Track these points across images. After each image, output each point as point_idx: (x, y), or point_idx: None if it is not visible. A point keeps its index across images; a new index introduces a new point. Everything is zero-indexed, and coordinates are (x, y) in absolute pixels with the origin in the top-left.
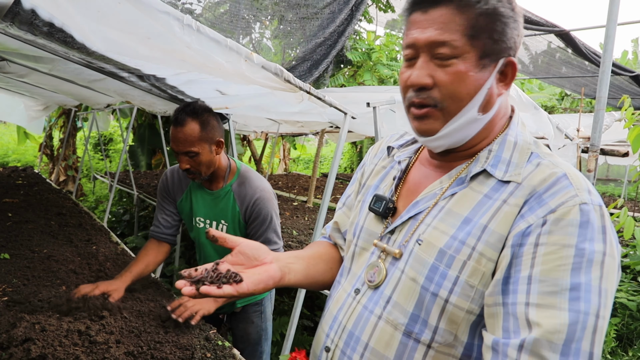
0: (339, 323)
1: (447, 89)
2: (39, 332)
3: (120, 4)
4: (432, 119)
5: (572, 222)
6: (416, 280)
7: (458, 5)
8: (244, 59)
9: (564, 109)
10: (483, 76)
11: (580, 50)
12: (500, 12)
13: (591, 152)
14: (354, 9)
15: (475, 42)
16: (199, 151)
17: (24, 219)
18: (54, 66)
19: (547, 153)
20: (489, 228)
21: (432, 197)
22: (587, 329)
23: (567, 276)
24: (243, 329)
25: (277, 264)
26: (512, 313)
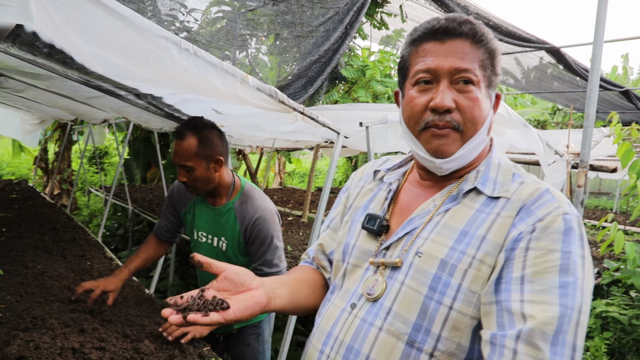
0: (335, 338)
1: (468, 112)
2: (32, 350)
3: (120, 29)
4: (451, 140)
5: (557, 229)
6: (418, 290)
7: (472, 41)
8: (240, 81)
9: (556, 123)
10: (489, 104)
11: (570, 66)
12: (497, 51)
13: (581, 167)
14: (349, 27)
15: (485, 73)
16: (194, 166)
17: (18, 234)
18: (52, 83)
19: (526, 174)
20: (487, 238)
21: (427, 214)
22: (572, 322)
23: (556, 276)
24: (239, 351)
25: (263, 290)
26: (506, 309)
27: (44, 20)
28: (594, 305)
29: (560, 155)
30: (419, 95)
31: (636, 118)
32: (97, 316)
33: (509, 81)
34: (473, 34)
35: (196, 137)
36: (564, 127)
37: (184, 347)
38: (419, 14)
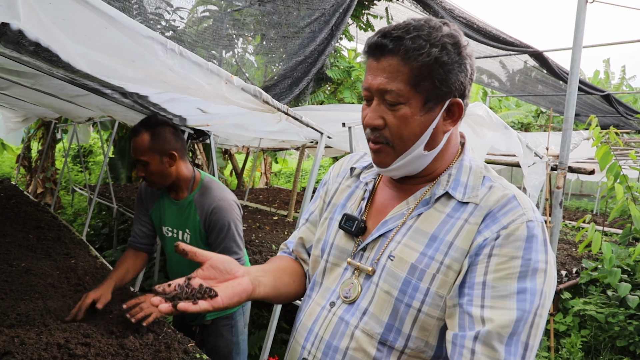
0: (315, 335)
1: (395, 130)
2: (18, 345)
3: (107, 29)
4: (384, 154)
5: (520, 236)
6: (390, 293)
7: (403, 57)
8: (225, 81)
9: (539, 126)
10: (429, 118)
11: (553, 70)
12: (442, 61)
13: (560, 169)
14: (334, 28)
15: (420, 89)
16: (148, 161)
17: (1, 232)
18: (37, 81)
19: (496, 177)
20: (454, 244)
21: (400, 217)
22: (527, 324)
23: (515, 282)
24: (213, 342)
25: (248, 277)
26: (467, 312)
27: (31, 19)
28: (572, 304)
29: (540, 157)
30: (364, 110)
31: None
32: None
33: (494, 84)
34: (405, 50)
35: (149, 133)
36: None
37: (170, 343)
38: (404, 17)
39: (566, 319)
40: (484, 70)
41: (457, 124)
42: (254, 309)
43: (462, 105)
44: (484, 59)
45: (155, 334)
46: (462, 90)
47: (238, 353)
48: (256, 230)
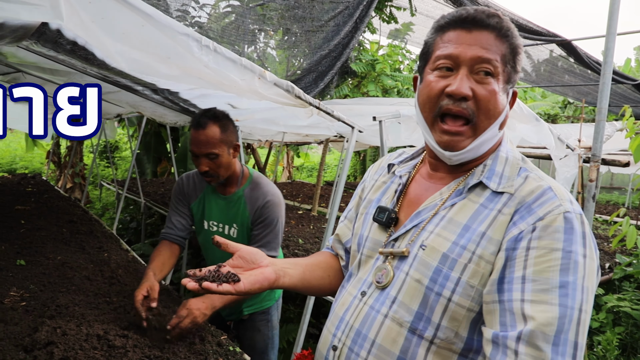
0: (346, 323)
1: (484, 104)
2: (60, 336)
3: (144, 26)
4: (464, 136)
5: (558, 228)
6: (421, 281)
7: (498, 34)
8: (258, 76)
9: (567, 117)
10: (505, 99)
11: (582, 59)
12: (520, 48)
13: (592, 162)
14: (358, 21)
15: (506, 68)
16: (219, 153)
17: (37, 226)
18: (70, 78)
19: (533, 168)
20: (487, 235)
21: (433, 207)
22: (572, 321)
23: (557, 275)
24: (250, 337)
25: (273, 268)
26: (508, 309)
27: (72, 18)
28: (606, 300)
29: (572, 150)
30: (437, 80)
31: None
32: (119, 307)
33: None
34: (500, 27)
35: (218, 125)
36: (575, 121)
37: (204, 336)
38: (429, 8)
39: (599, 316)
40: None
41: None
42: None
43: (517, 95)
44: None
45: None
46: (516, 82)
47: (273, 347)
48: None
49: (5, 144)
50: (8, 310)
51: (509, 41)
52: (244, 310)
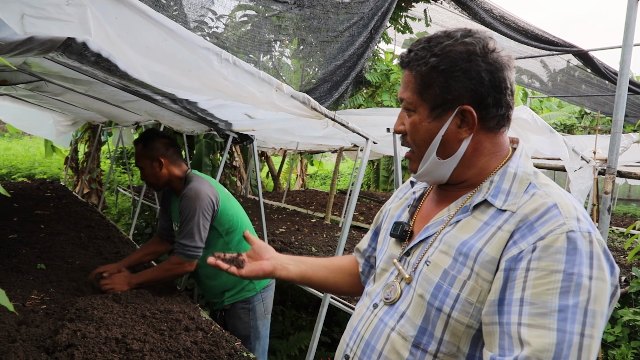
0: (358, 333)
1: (410, 136)
2: (80, 338)
3: (167, 40)
4: (412, 160)
5: (560, 249)
6: (423, 296)
7: (410, 69)
8: (275, 89)
9: (583, 128)
10: (437, 125)
11: (599, 69)
12: (440, 69)
13: (608, 174)
14: (373, 31)
15: (425, 96)
16: (143, 166)
17: (56, 230)
18: (91, 87)
19: (543, 183)
20: (483, 251)
21: (441, 223)
22: (572, 347)
23: (556, 299)
24: (232, 325)
25: (272, 261)
26: (506, 332)
27: (99, 33)
28: (622, 314)
29: (587, 162)
30: None
31: None
32: (136, 311)
33: (535, 84)
34: (408, 62)
35: (141, 144)
36: (592, 132)
37: (217, 342)
38: (443, 18)
39: (615, 330)
40: (524, 70)
41: (473, 131)
42: (292, 311)
43: (473, 113)
44: (525, 59)
45: (204, 331)
46: (477, 98)
47: (257, 338)
48: (295, 233)
49: (25, 149)
50: (29, 313)
51: (419, 69)
52: (224, 301)
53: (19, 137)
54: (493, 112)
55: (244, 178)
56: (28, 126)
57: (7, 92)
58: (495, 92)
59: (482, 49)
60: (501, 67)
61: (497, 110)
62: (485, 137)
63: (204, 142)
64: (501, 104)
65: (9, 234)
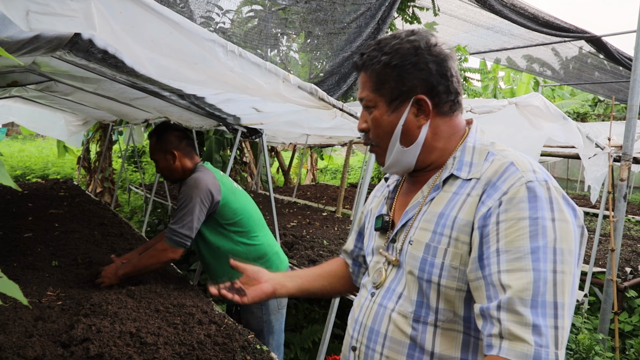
0: (360, 323)
1: (372, 131)
2: (95, 333)
3: (172, 34)
4: (377, 154)
5: (522, 198)
6: (413, 272)
7: (365, 70)
8: (282, 80)
9: (597, 116)
10: (397, 116)
11: (612, 55)
12: (392, 64)
13: (623, 161)
14: (380, 22)
15: (381, 92)
16: (157, 159)
17: (70, 228)
18: (100, 86)
19: (500, 149)
20: (459, 217)
21: (417, 205)
22: (548, 283)
23: (527, 243)
24: (245, 319)
25: (270, 283)
26: (490, 282)
27: (104, 29)
28: (639, 303)
29: (602, 148)
30: None
31: None
32: (150, 306)
33: (546, 72)
34: (363, 63)
35: (155, 137)
36: (606, 119)
37: (231, 335)
38: (451, 7)
39: (632, 319)
40: (535, 59)
41: (429, 117)
42: (305, 304)
43: (427, 101)
44: (536, 47)
45: (217, 325)
46: (428, 87)
47: (271, 332)
48: (307, 226)
49: (38, 150)
50: (46, 309)
51: (371, 69)
52: None
53: (32, 139)
54: (444, 98)
55: (254, 174)
56: (40, 127)
57: (19, 93)
58: (444, 80)
59: (425, 44)
60: (445, 57)
61: (447, 96)
62: (442, 122)
63: (214, 139)
64: (450, 90)
65: (25, 232)
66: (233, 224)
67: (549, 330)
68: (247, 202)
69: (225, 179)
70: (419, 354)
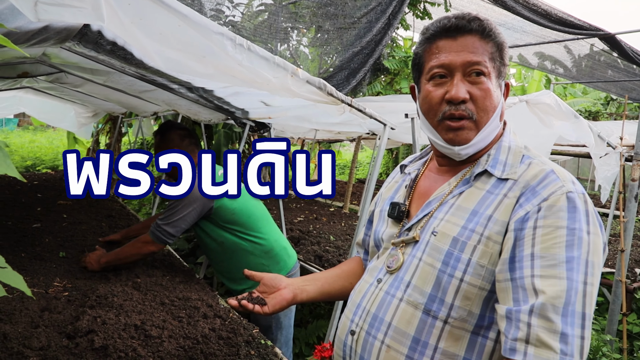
0: (363, 309)
1: (481, 102)
2: (100, 324)
3: (180, 26)
4: (467, 130)
5: (562, 207)
6: (433, 265)
7: (482, 36)
8: (290, 74)
9: (609, 115)
10: (499, 93)
11: (626, 53)
12: (505, 44)
13: (635, 160)
14: (391, 17)
15: (494, 65)
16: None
17: (78, 220)
18: (109, 78)
19: (536, 154)
20: (494, 217)
21: (442, 197)
22: (579, 293)
23: (563, 251)
24: (254, 316)
25: (290, 288)
26: (520, 285)
27: (113, 20)
28: None
29: (613, 148)
30: (435, 89)
31: None
32: (156, 299)
33: (558, 70)
34: (482, 29)
35: (159, 136)
36: (618, 118)
37: (236, 329)
38: (463, 3)
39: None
40: (547, 56)
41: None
42: None
43: (509, 87)
44: (548, 44)
45: (222, 319)
46: (506, 74)
47: (279, 328)
48: (314, 222)
49: (49, 141)
50: (52, 300)
51: (493, 40)
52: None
53: (43, 130)
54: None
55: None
56: (51, 118)
57: (29, 84)
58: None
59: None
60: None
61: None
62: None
63: (223, 133)
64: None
65: (33, 223)
66: (233, 222)
67: (576, 340)
68: (247, 200)
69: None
70: (422, 347)
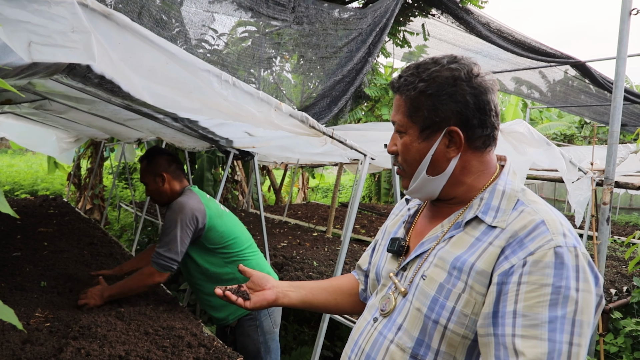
0: (359, 347)
1: (402, 156)
2: (84, 356)
3: (168, 64)
4: (403, 177)
5: (548, 264)
6: (420, 310)
7: (400, 93)
8: (274, 108)
9: (583, 137)
10: (427, 145)
11: (597, 80)
12: (428, 93)
13: (606, 185)
14: (372, 46)
15: (414, 119)
16: (147, 182)
17: (59, 248)
18: (94, 106)
19: (531, 200)
20: (476, 265)
21: (435, 239)
22: (562, 355)
23: (546, 311)
24: (241, 342)
25: (274, 290)
26: (502, 343)
27: (104, 59)
28: (624, 324)
29: (585, 173)
30: None
31: None
32: (140, 328)
33: (534, 95)
34: (399, 87)
35: (145, 161)
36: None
37: (220, 357)
38: (441, 32)
39: (617, 340)
40: (523, 81)
41: (460, 150)
42: (294, 325)
43: (460, 134)
44: (523, 70)
45: (206, 348)
46: (463, 119)
47: (268, 352)
48: (297, 247)
49: (28, 165)
50: (34, 331)
51: (409, 94)
52: (230, 318)
53: (22, 154)
54: (479, 132)
55: (245, 192)
56: (31, 143)
57: (11, 110)
58: (480, 114)
59: (466, 74)
60: (485, 90)
61: (482, 130)
62: (473, 156)
63: (206, 157)
64: (486, 125)
65: (13, 251)
66: (220, 247)
67: None
68: (234, 225)
69: (212, 203)
70: None
